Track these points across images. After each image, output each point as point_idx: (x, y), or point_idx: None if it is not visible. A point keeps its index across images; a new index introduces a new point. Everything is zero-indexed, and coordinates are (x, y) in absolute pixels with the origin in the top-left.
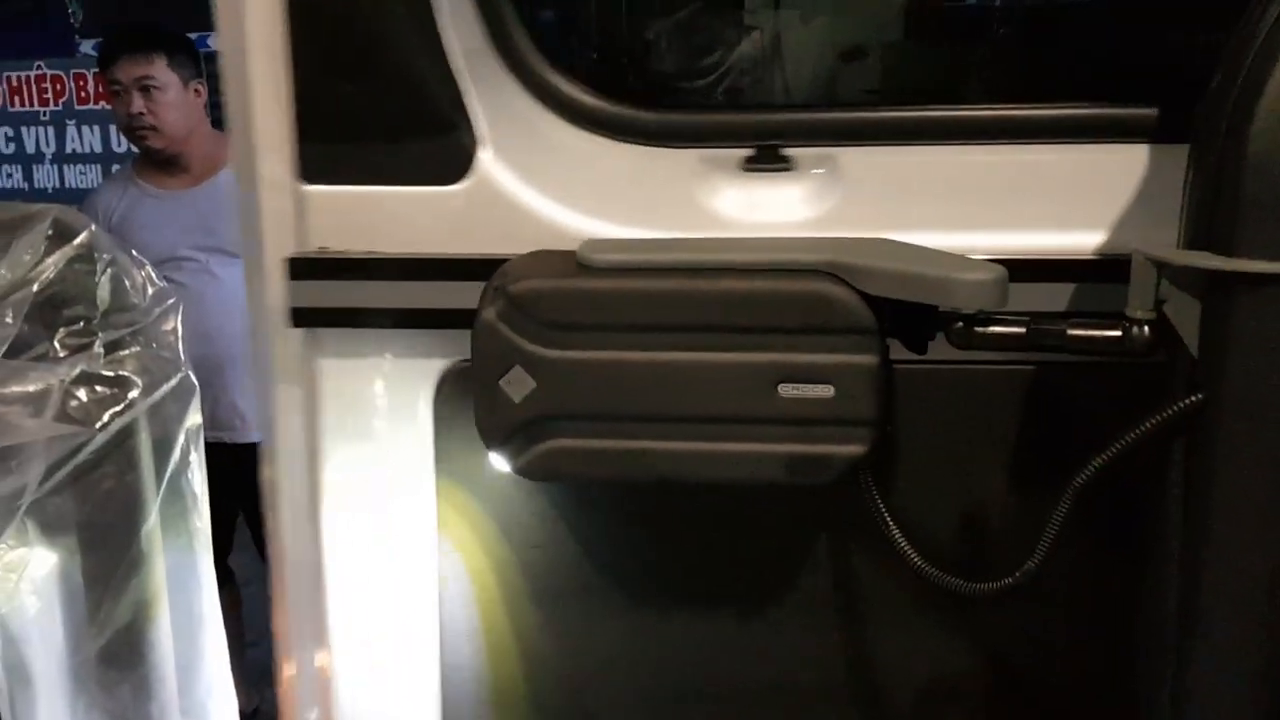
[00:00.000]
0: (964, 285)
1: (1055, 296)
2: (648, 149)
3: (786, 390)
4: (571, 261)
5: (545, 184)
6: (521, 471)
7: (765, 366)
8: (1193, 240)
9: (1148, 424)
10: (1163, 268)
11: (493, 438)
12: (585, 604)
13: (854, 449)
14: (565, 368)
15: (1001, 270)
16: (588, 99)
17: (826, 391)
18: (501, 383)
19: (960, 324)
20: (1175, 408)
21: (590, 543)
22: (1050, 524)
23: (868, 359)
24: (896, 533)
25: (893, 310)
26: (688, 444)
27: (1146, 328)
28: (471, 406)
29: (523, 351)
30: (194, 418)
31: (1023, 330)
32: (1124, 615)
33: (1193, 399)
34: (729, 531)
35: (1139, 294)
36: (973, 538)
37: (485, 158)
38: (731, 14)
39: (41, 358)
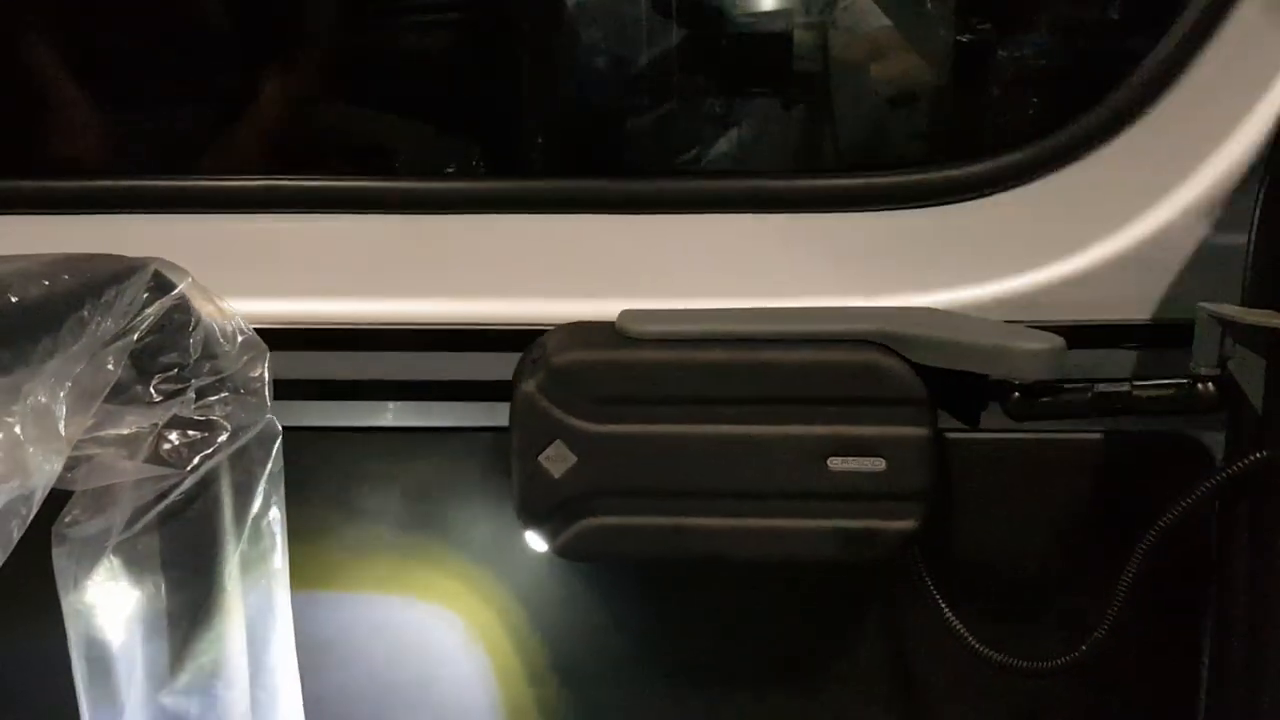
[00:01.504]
0: (1021, 355)
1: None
2: None
3: (836, 464)
4: (611, 332)
5: None
6: (560, 551)
7: (814, 439)
8: (1256, 298)
9: (1211, 482)
10: (1227, 325)
11: (530, 515)
12: (613, 690)
13: (905, 524)
14: (607, 442)
15: (1059, 339)
16: None
17: (877, 465)
18: (541, 458)
19: (1017, 394)
20: (1239, 465)
21: (621, 623)
22: (1116, 593)
23: (919, 431)
24: (948, 611)
25: (943, 381)
26: (734, 520)
27: (1212, 384)
28: None
29: (563, 426)
30: (277, 462)
31: (1087, 396)
32: (1186, 683)
33: (1256, 456)
34: (767, 610)
35: (1203, 351)
36: (1028, 612)
37: None
38: None
39: (136, 402)
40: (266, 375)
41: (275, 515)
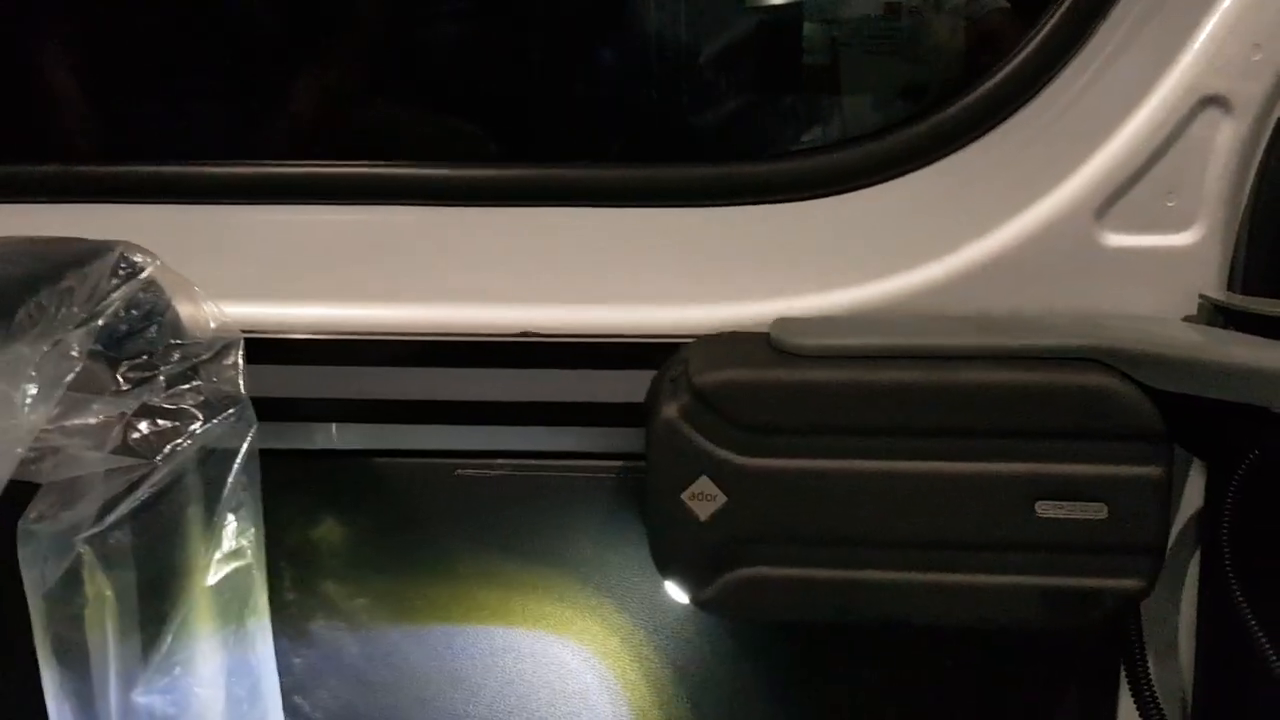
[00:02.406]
0: None
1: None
2: None
3: (1046, 509)
4: (764, 345)
5: None
6: (706, 605)
7: (1019, 479)
8: (1251, 287)
9: (1237, 477)
10: (1230, 315)
11: (670, 563)
12: None
13: (1129, 584)
14: (765, 479)
15: None
16: None
17: (1098, 511)
18: (684, 496)
19: None
20: (1250, 456)
21: (767, 683)
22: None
23: (1152, 471)
24: (1155, 691)
25: (1178, 410)
26: (916, 575)
27: None
28: None
29: (712, 458)
30: (252, 451)
31: None
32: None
33: (1255, 453)
34: (948, 680)
35: None
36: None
37: None
38: None
39: (103, 390)
40: (240, 362)
41: (251, 506)
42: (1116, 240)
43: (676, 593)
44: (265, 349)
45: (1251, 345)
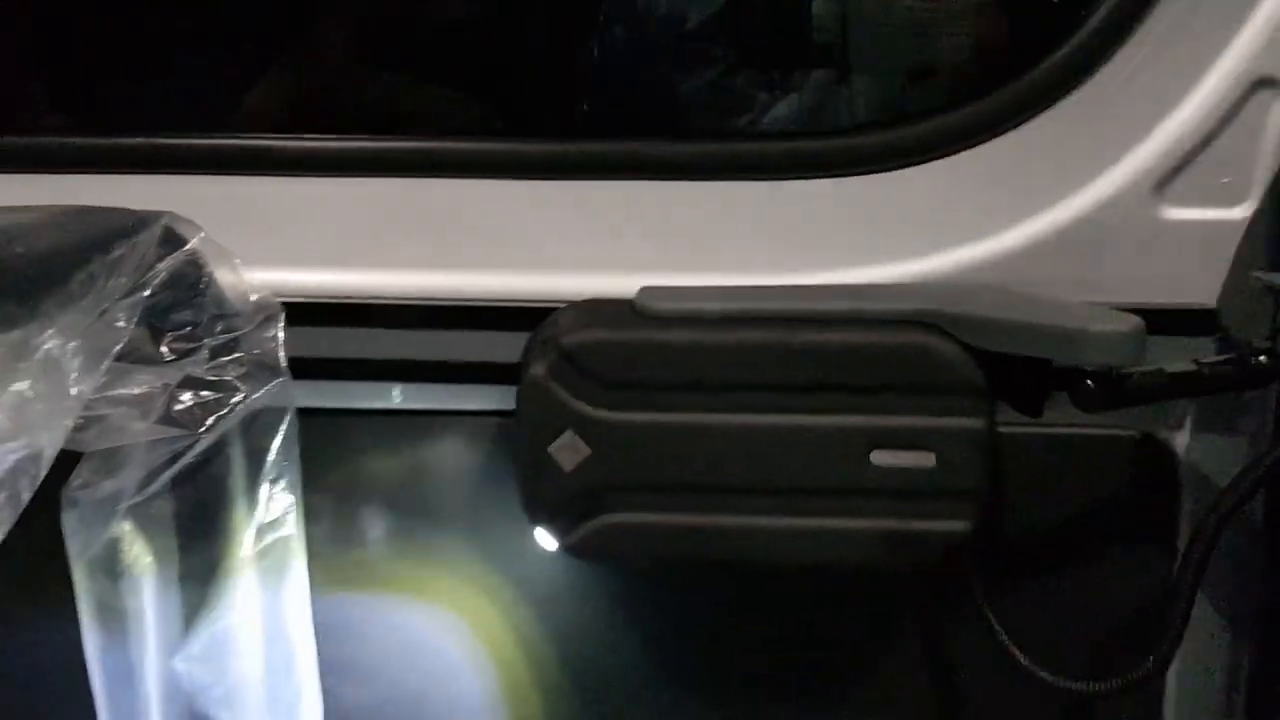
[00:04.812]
0: (1099, 339)
1: None
2: None
3: (880, 458)
4: (629, 310)
5: None
6: (572, 550)
7: (856, 431)
8: None
9: (1263, 465)
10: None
11: (539, 511)
12: (625, 699)
13: (957, 525)
14: (624, 432)
15: (1138, 320)
16: None
17: (927, 460)
18: (551, 449)
19: (1090, 382)
20: None
21: (635, 627)
22: (1177, 601)
23: (974, 423)
24: (997, 625)
25: (1000, 367)
26: (764, 520)
27: (1264, 358)
28: None
29: (576, 413)
30: (292, 424)
31: (1163, 379)
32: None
33: None
34: (795, 616)
35: (1257, 324)
36: (1086, 626)
37: None
38: None
39: (147, 361)
40: (280, 336)
41: (290, 478)
42: (1169, 219)
43: (545, 539)
44: (301, 312)
45: (1047, 307)
